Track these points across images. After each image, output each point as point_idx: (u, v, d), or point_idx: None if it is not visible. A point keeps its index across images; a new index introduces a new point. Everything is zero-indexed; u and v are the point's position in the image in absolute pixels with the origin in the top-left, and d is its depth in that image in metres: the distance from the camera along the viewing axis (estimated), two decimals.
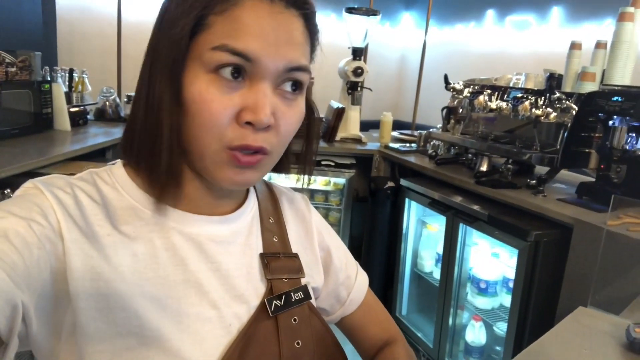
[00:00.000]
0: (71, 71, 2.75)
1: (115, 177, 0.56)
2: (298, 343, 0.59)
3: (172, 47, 0.50)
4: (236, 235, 0.60)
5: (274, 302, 0.58)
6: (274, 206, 0.68)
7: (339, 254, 0.74)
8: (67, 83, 2.73)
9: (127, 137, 0.56)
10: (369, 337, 0.75)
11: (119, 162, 0.58)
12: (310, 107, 0.62)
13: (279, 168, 0.64)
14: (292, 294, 0.60)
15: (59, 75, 2.67)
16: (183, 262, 0.54)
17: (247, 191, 0.65)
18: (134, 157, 0.55)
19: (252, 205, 0.64)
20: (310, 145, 0.64)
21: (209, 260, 0.56)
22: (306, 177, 0.67)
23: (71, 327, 0.48)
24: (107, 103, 2.86)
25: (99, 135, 2.41)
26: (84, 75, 2.84)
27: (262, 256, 0.61)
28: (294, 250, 0.65)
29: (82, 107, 2.64)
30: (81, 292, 0.47)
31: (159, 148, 0.51)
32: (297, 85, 0.53)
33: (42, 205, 0.48)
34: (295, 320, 0.59)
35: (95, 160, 2.16)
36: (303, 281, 0.63)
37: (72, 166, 2.00)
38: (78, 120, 2.55)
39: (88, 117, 2.71)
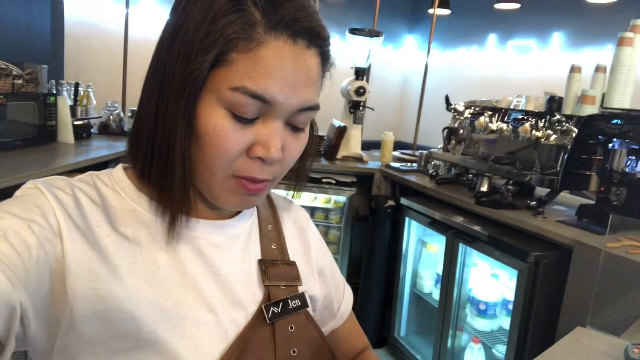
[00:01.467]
0: (77, 85, 2.78)
1: (116, 179, 0.56)
2: (294, 351, 0.59)
3: (188, 77, 0.48)
4: (235, 241, 0.60)
5: (272, 308, 0.58)
6: (273, 214, 0.69)
7: (332, 269, 0.75)
8: (72, 97, 2.76)
9: (133, 146, 0.56)
10: (349, 348, 0.76)
11: (119, 165, 0.59)
12: (310, 126, 0.62)
13: None
14: (289, 301, 0.60)
15: (64, 88, 2.70)
16: (182, 266, 0.54)
17: None
18: (146, 176, 0.54)
19: (251, 211, 0.65)
20: (304, 163, 0.64)
21: (208, 264, 0.56)
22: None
23: (67, 327, 0.48)
24: (111, 117, 2.89)
25: (101, 149, 2.42)
26: (89, 90, 2.87)
27: (260, 262, 0.61)
28: (291, 259, 0.65)
29: (86, 121, 2.66)
30: (79, 292, 0.48)
31: (172, 177, 0.51)
32: (306, 121, 0.55)
33: (42, 206, 0.49)
34: (291, 328, 0.59)
35: None
36: (300, 289, 0.63)
37: None
38: (82, 133, 2.57)
39: (92, 130, 2.73)
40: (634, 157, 1.67)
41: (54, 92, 2.52)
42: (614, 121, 1.67)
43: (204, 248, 0.57)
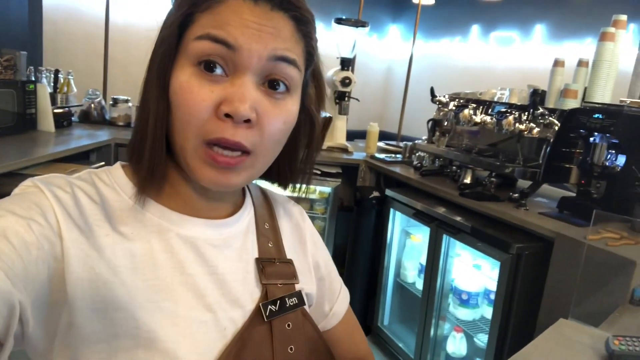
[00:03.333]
0: (57, 72, 2.72)
1: (114, 177, 0.56)
2: (291, 349, 0.59)
3: (161, 43, 0.52)
4: (233, 240, 0.60)
5: (269, 307, 0.59)
6: (269, 212, 0.69)
7: (328, 267, 0.74)
8: (52, 84, 2.70)
9: (130, 139, 0.57)
10: (343, 354, 0.75)
11: (117, 163, 0.58)
12: (311, 118, 0.61)
13: (284, 179, 0.64)
14: (286, 299, 0.60)
15: (44, 75, 2.64)
16: (180, 265, 0.54)
17: (244, 196, 0.66)
18: (130, 154, 0.56)
19: (248, 210, 0.65)
20: (310, 151, 0.64)
21: (206, 263, 0.56)
22: (302, 186, 0.67)
23: (66, 327, 0.48)
24: (93, 105, 2.84)
25: (83, 138, 2.38)
26: (69, 77, 2.81)
27: (258, 261, 0.62)
28: (288, 257, 0.66)
29: (66, 109, 2.62)
30: (79, 292, 0.47)
31: (144, 144, 0.52)
32: (286, 84, 0.52)
33: (41, 204, 0.48)
34: (289, 325, 0.60)
35: (79, 163, 2.14)
36: (297, 287, 0.64)
37: (55, 168, 1.97)
38: (62, 121, 2.52)
39: (73, 118, 2.68)
40: (613, 151, 1.71)
41: (33, 79, 2.46)
42: (596, 115, 1.70)
43: (202, 247, 0.57)
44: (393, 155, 2.87)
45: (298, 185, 0.66)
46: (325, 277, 0.73)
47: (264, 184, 0.69)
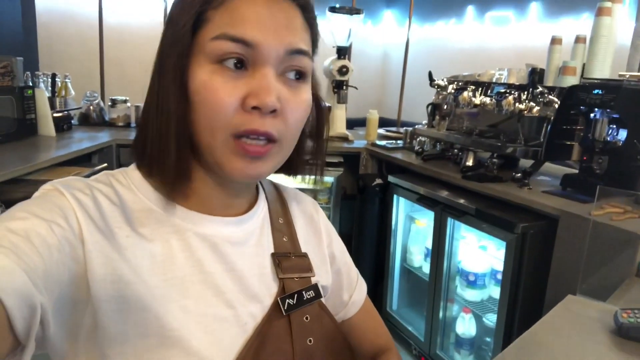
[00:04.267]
0: (54, 76, 2.72)
1: (131, 178, 0.57)
2: (310, 340, 0.60)
3: (175, 44, 0.51)
4: (249, 236, 0.61)
5: (287, 300, 0.60)
6: (283, 207, 0.69)
7: (344, 258, 0.75)
8: (49, 88, 2.70)
9: (138, 141, 0.57)
10: (364, 342, 0.76)
11: (133, 164, 0.59)
12: (318, 105, 0.62)
13: (293, 169, 0.65)
14: (303, 292, 0.61)
15: (41, 80, 2.64)
16: (199, 263, 0.55)
17: (257, 192, 0.66)
18: (147, 159, 0.55)
19: (262, 206, 0.66)
20: (320, 139, 0.65)
21: (224, 261, 0.57)
22: (314, 176, 0.67)
23: (91, 328, 0.48)
24: (91, 107, 2.84)
25: (84, 140, 2.39)
26: (66, 80, 2.81)
27: (274, 256, 0.62)
28: (303, 250, 0.66)
29: (66, 112, 2.62)
30: (102, 294, 0.48)
31: (168, 145, 0.52)
32: (300, 73, 0.54)
33: (63, 207, 0.49)
34: (307, 318, 0.61)
35: (81, 166, 2.14)
36: (313, 280, 0.64)
37: (58, 172, 1.98)
38: (62, 125, 2.53)
39: (72, 121, 2.68)
40: (614, 126, 1.71)
41: (30, 84, 2.46)
42: (595, 91, 1.70)
43: (220, 245, 0.57)
44: (394, 141, 2.87)
45: (307, 177, 0.67)
46: (341, 268, 0.73)
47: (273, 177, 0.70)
